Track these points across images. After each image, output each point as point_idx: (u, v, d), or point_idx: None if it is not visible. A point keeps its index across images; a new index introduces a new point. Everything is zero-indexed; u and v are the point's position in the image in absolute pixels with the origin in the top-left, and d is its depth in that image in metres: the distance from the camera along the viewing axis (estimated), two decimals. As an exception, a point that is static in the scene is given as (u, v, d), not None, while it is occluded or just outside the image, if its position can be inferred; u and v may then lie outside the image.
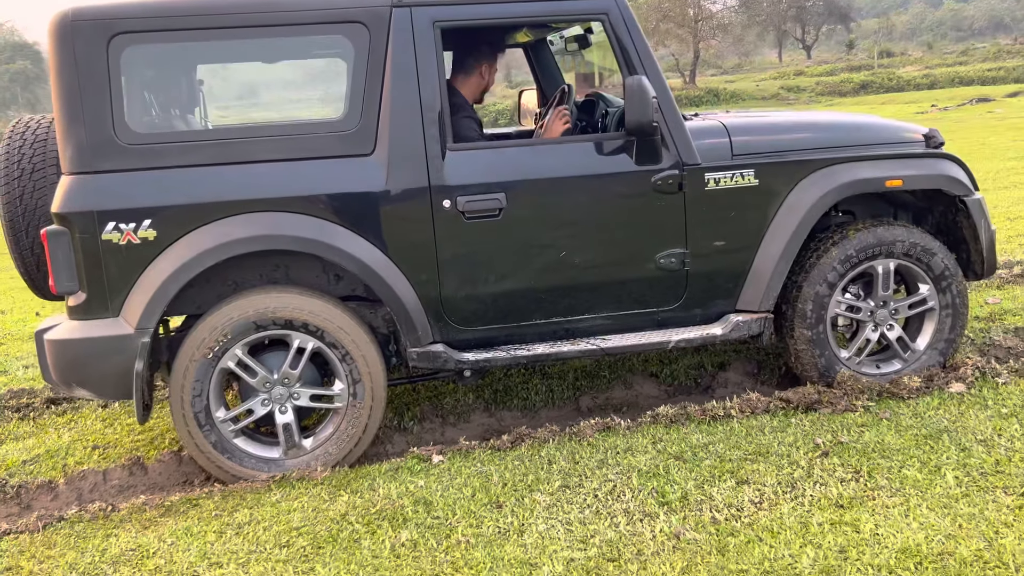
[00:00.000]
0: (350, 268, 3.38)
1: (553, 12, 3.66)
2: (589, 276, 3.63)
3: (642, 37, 3.58)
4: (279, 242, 3.33)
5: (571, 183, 3.56)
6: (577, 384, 4.33)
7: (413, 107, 3.41)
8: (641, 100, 3.38)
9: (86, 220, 3.22)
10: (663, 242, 3.65)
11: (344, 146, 3.41)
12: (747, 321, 3.73)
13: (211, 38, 3.40)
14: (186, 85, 4.04)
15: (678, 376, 4.34)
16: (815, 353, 3.80)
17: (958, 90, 31.42)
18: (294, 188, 3.36)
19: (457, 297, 3.54)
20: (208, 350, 3.32)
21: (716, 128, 3.73)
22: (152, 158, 3.28)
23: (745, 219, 3.69)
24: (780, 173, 3.69)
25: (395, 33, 3.39)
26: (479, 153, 3.57)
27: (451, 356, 3.54)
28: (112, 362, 3.27)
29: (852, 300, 3.85)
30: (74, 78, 3.20)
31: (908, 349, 3.92)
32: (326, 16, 3.38)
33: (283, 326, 3.37)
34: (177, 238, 3.28)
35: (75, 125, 3.22)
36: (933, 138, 3.93)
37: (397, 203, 3.43)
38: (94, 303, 3.29)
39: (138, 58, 3.35)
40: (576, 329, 3.71)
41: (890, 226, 3.81)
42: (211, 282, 3.51)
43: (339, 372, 3.45)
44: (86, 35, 3.19)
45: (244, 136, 3.42)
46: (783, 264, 3.70)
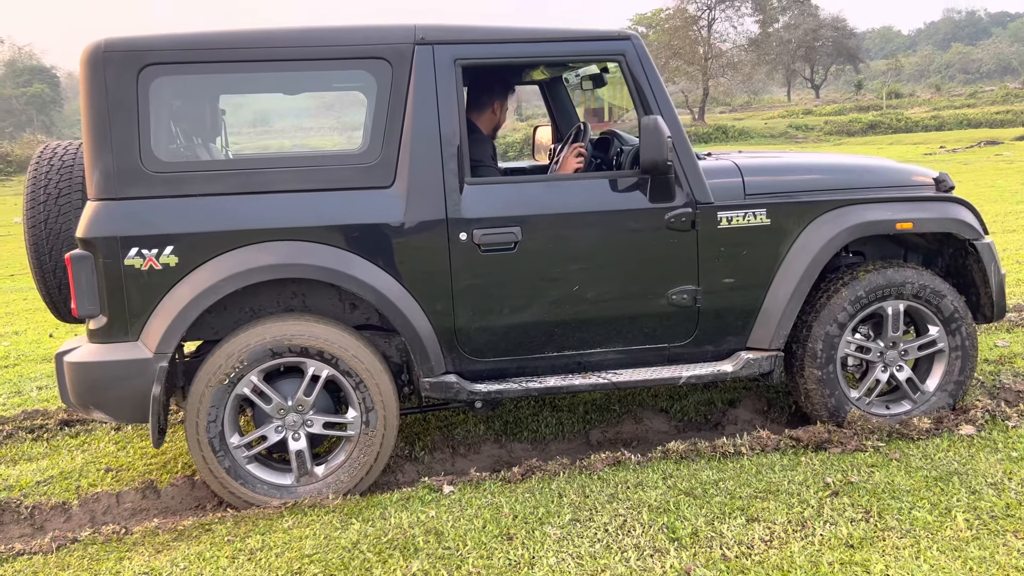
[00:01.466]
0: (367, 297, 3.43)
1: (572, 52, 3.74)
2: (602, 310, 3.67)
3: (658, 78, 3.65)
4: (298, 271, 3.38)
5: (586, 218, 3.62)
6: (587, 417, 4.35)
7: (433, 142, 3.48)
8: (656, 139, 3.45)
9: (110, 245, 3.28)
10: (675, 278, 3.69)
11: (364, 178, 3.47)
12: (758, 359, 3.76)
13: (237, 70, 3.50)
14: (211, 115, 4.12)
15: (688, 412, 4.36)
16: (825, 392, 3.83)
17: (966, 132, 31.61)
18: (314, 218, 3.42)
19: (471, 328, 3.58)
20: (224, 376, 3.36)
21: (729, 168, 3.79)
22: (176, 186, 3.35)
23: (757, 258, 3.73)
24: (792, 213, 3.74)
25: (417, 70, 3.47)
26: (496, 187, 3.63)
27: (463, 387, 3.57)
28: (130, 385, 3.31)
29: (862, 340, 3.88)
30: (104, 107, 3.28)
31: (918, 390, 3.94)
32: (350, 52, 3.47)
33: (298, 353, 3.41)
34: (198, 265, 3.34)
35: (103, 152, 3.29)
36: (943, 182, 3.98)
37: (414, 235, 3.48)
38: (115, 327, 3.34)
39: (166, 88, 3.43)
40: (588, 363, 3.74)
41: (900, 268, 3.85)
42: (229, 309, 3.56)
43: (352, 400, 3.48)
44: (117, 65, 3.28)
45: (266, 166, 3.49)
46: (794, 303, 3.74)
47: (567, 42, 3.66)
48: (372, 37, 3.48)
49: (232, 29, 3.44)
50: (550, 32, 3.63)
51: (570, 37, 3.65)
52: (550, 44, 3.65)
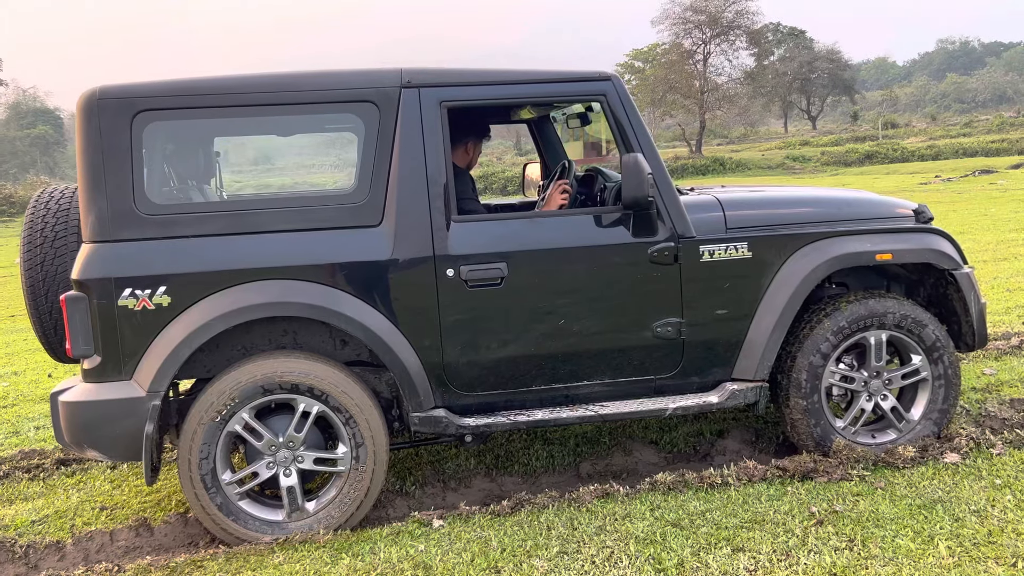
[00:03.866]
0: (356, 334, 3.49)
1: (554, 93, 3.85)
2: (588, 343, 3.73)
3: (638, 116, 3.75)
4: (288, 309, 3.45)
5: (570, 254, 3.69)
6: (578, 450, 4.39)
7: (419, 181, 3.57)
8: (637, 176, 3.54)
9: (104, 286, 3.35)
10: (659, 311, 3.76)
11: (353, 217, 3.56)
12: (743, 390, 3.81)
13: (229, 115, 3.59)
14: (203, 157, 4.22)
15: (677, 443, 4.40)
16: (811, 422, 3.87)
17: (961, 161, 31.81)
18: (304, 257, 3.50)
19: (459, 363, 3.64)
20: (216, 413, 3.42)
21: (710, 202, 3.87)
22: (169, 227, 3.43)
23: (739, 290, 3.80)
24: (773, 246, 3.82)
25: (404, 112, 3.57)
26: (482, 224, 3.71)
27: (452, 421, 3.62)
28: (123, 424, 3.37)
29: (846, 370, 3.94)
30: (98, 152, 3.38)
31: (902, 419, 3.98)
32: (339, 96, 3.57)
33: (289, 390, 3.47)
34: (190, 304, 3.41)
35: (97, 196, 3.38)
36: (923, 213, 4.06)
37: (402, 272, 3.56)
38: (108, 366, 3.40)
39: (159, 133, 3.53)
40: (575, 395, 3.80)
41: (881, 298, 3.91)
42: (221, 347, 3.63)
43: (342, 436, 3.53)
44: (111, 112, 3.38)
45: (257, 207, 3.57)
46: (777, 334, 3.80)
47: (549, 83, 3.77)
48: (360, 81, 3.58)
49: (223, 75, 3.55)
50: (532, 74, 3.74)
51: (552, 79, 3.76)
52: (532, 86, 3.76)
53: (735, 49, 45.31)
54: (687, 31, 44.23)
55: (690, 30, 44.14)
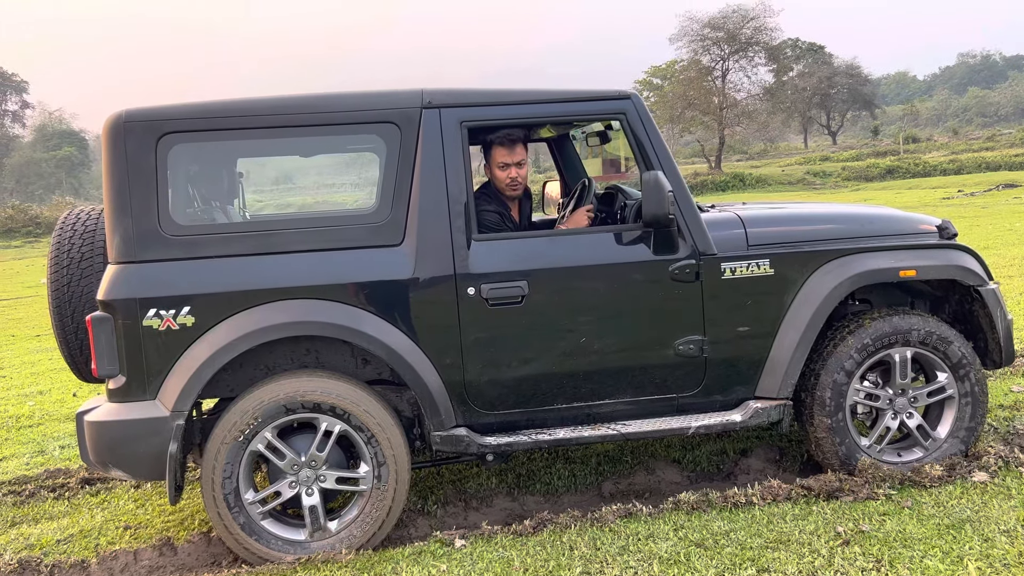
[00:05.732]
0: (378, 353, 3.50)
1: (574, 112, 3.86)
2: (609, 362, 3.72)
3: (658, 134, 3.75)
4: (311, 328, 3.47)
5: (591, 272, 3.69)
6: (600, 469, 4.36)
7: (440, 200, 3.59)
8: (658, 194, 3.53)
9: (129, 307, 3.39)
10: (681, 329, 3.74)
11: (375, 237, 3.58)
12: (766, 408, 3.78)
13: (252, 136, 3.64)
14: (227, 178, 4.27)
15: (700, 462, 4.37)
16: (835, 441, 3.83)
17: (984, 175, 31.55)
18: (326, 276, 3.52)
19: (480, 381, 3.64)
20: (239, 433, 3.44)
21: (731, 220, 3.86)
22: (193, 248, 3.47)
23: (762, 307, 3.78)
24: (795, 263, 3.80)
25: (425, 132, 3.59)
26: (502, 243, 3.72)
27: (473, 440, 3.62)
28: (147, 444, 3.39)
29: (871, 388, 3.90)
30: (124, 174, 3.43)
31: (929, 437, 3.93)
32: (361, 116, 3.61)
33: (311, 409, 3.48)
34: (214, 324, 3.43)
35: (123, 217, 3.43)
36: (946, 229, 4.03)
37: (424, 290, 3.57)
38: (133, 386, 3.43)
39: (183, 155, 3.57)
40: (597, 414, 3.78)
41: (905, 315, 3.87)
42: (244, 366, 3.65)
43: (364, 455, 3.53)
44: (137, 134, 3.43)
45: (279, 228, 3.61)
46: (800, 352, 3.77)
47: (569, 102, 3.78)
48: (382, 102, 3.62)
49: (246, 98, 3.59)
50: (552, 93, 3.76)
51: (571, 98, 3.77)
52: (553, 105, 3.78)
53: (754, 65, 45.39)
54: (705, 48, 44.35)
55: (708, 47, 44.25)
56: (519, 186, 4.10)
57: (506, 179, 4.06)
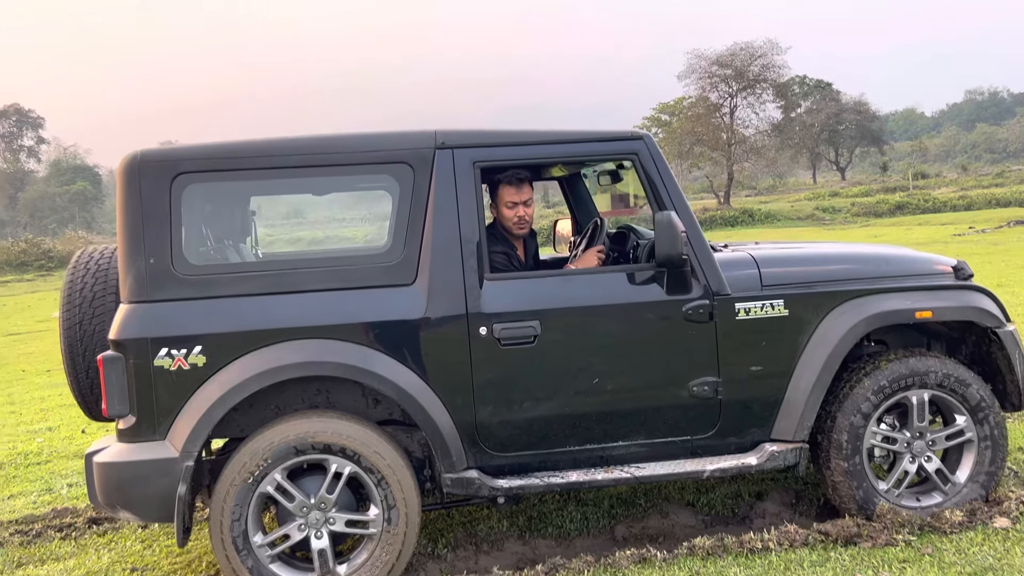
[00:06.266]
0: (389, 393, 3.48)
1: (587, 153, 3.88)
2: (623, 403, 3.68)
3: (670, 174, 3.75)
4: (322, 368, 3.45)
5: (604, 311, 3.67)
6: (613, 512, 4.30)
7: (453, 240, 3.59)
8: (671, 234, 3.52)
9: (140, 346, 3.38)
10: (695, 370, 3.70)
11: (387, 276, 3.57)
12: (782, 451, 3.72)
13: (266, 177, 3.66)
14: (240, 217, 4.28)
15: (715, 505, 4.30)
16: (852, 485, 3.77)
17: (995, 212, 31.46)
18: (338, 316, 3.50)
19: (492, 422, 3.60)
20: (248, 475, 3.40)
21: (745, 259, 3.84)
22: (205, 288, 3.47)
23: (776, 348, 3.74)
24: (810, 303, 3.76)
25: (438, 172, 3.60)
26: (515, 283, 3.71)
27: (485, 482, 3.57)
28: (156, 485, 3.36)
29: (888, 431, 3.84)
30: (138, 213, 3.44)
31: (948, 481, 3.86)
32: (374, 157, 3.62)
33: (322, 450, 3.44)
34: (225, 364, 3.42)
35: (136, 256, 3.43)
36: (962, 270, 3.99)
37: (435, 330, 3.55)
38: (143, 426, 3.41)
39: (197, 195, 3.59)
40: (610, 456, 3.73)
41: (922, 357, 3.83)
42: (255, 406, 3.63)
43: (374, 497, 3.49)
44: (152, 174, 3.45)
45: (292, 267, 3.60)
46: (816, 394, 3.72)
47: (582, 143, 3.79)
48: (395, 143, 3.63)
49: (260, 138, 3.61)
50: (564, 134, 3.77)
51: (584, 138, 3.78)
52: (565, 145, 3.79)
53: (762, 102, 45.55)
54: (713, 84, 44.60)
55: (716, 83, 44.51)
56: (526, 225, 4.10)
57: (513, 218, 4.05)
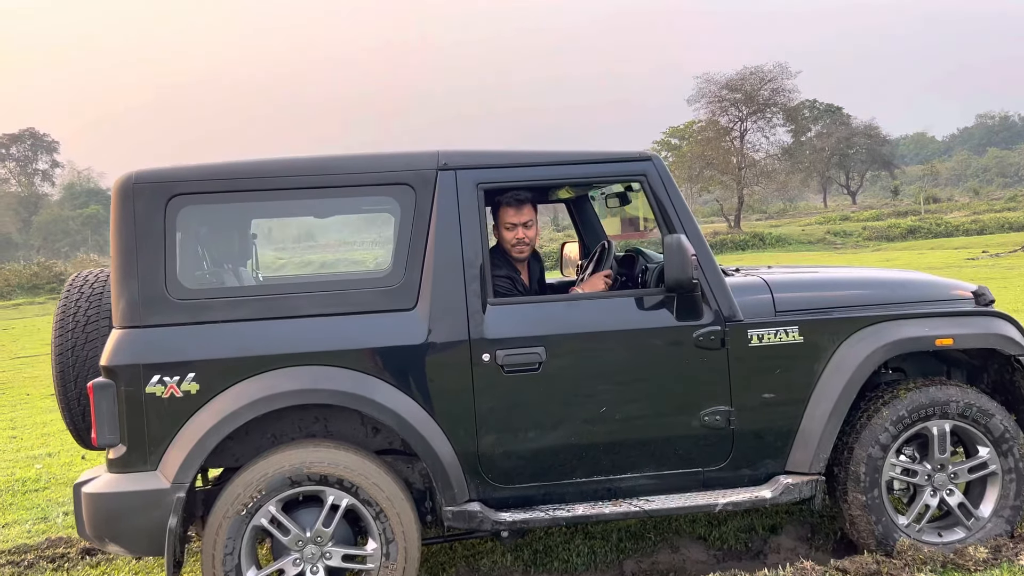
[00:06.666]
0: (388, 422, 3.36)
1: (594, 174, 3.77)
2: (631, 433, 3.55)
3: (680, 196, 3.64)
4: (319, 396, 3.34)
5: (611, 337, 3.55)
6: (621, 546, 4.15)
7: (455, 263, 3.48)
8: (680, 258, 3.40)
9: (132, 373, 3.27)
10: (707, 399, 3.57)
11: (388, 301, 3.46)
12: (797, 484, 3.58)
13: (264, 198, 3.57)
14: (238, 240, 4.19)
15: (728, 539, 4.14)
16: (871, 519, 3.61)
17: (1008, 236, 31.20)
18: (336, 342, 3.39)
19: (495, 453, 3.47)
20: (242, 507, 3.27)
21: (758, 284, 3.72)
22: (200, 313, 3.36)
23: (791, 376, 3.61)
24: (825, 330, 3.63)
25: (440, 194, 3.50)
26: (519, 307, 3.59)
27: (487, 516, 3.43)
28: (146, 517, 3.24)
29: (907, 463, 3.69)
30: (131, 236, 3.34)
31: (971, 516, 3.70)
32: (375, 179, 3.52)
33: (318, 482, 3.32)
34: (219, 392, 3.31)
35: (129, 280, 3.33)
36: (983, 295, 3.86)
37: (437, 357, 3.43)
38: (134, 456, 3.30)
39: (193, 217, 3.50)
40: (618, 488, 3.59)
41: (943, 386, 3.68)
42: (250, 435, 3.51)
43: (372, 531, 3.36)
44: (146, 196, 3.36)
45: (288, 291, 3.50)
46: (832, 424, 3.58)
47: (588, 164, 3.69)
48: (397, 164, 3.53)
49: (258, 159, 3.52)
50: (570, 155, 3.67)
51: (591, 159, 3.68)
52: (571, 167, 3.69)
53: (772, 126, 45.48)
54: (723, 109, 44.60)
55: (726, 108, 44.49)
56: (526, 248, 3.98)
57: (512, 240, 3.94)
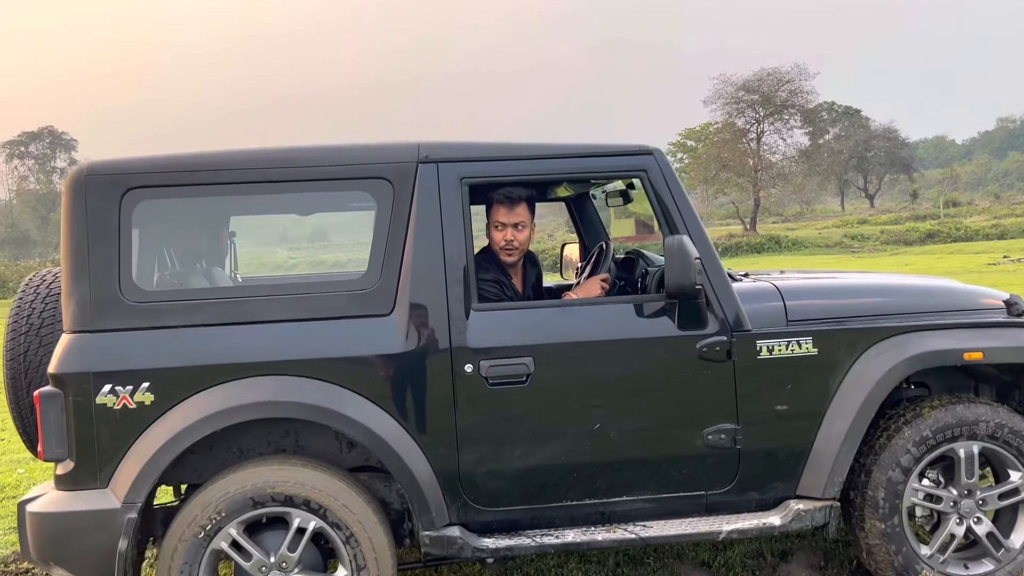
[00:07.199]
0: (359, 439, 3.08)
1: (589, 169, 3.46)
2: (627, 452, 3.25)
3: (683, 194, 3.33)
4: (284, 409, 3.06)
5: (607, 348, 3.25)
6: (618, 571, 3.84)
7: (436, 265, 3.19)
8: (682, 261, 3.10)
9: (81, 382, 3.00)
10: (711, 416, 3.27)
11: (362, 305, 3.18)
12: (810, 510, 3.26)
13: (231, 193, 3.29)
14: (210, 239, 3.92)
15: (733, 566, 3.82)
16: (891, 549, 3.30)
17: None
18: (305, 351, 3.11)
19: (477, 473, 3.18)
20: (200, 529, 3.00)
21: (768, 291, 3.41)
22: (157, 317, 3.09)
23: (803, 392, 3.30)
24: (842, 342, 3.32)
25: (420, 189, 3.21)
26: (505, 314, 3.31)
27: (468, 542, 3.14)
28: (95, 540, 2.97)
29: (931, 488, 3.37)
30: (83, 233, 3.07)
31: (1001, 547, 3.38)
32: (349, 172, 3.24)
33: (283, 503, 3.04)
34: (175, 403, 3.03)
35: (79, 281, 3.06)
36: (1016, 305, 3.53)
37: (414, 367, 3.14)
38: (82, 472, 3.03)
39: (150, 213, 3.23)
40: (613, 512, 3.30)
41: (971, 404, 3.36)
42: (214, 449, 3.24)
43: (342, 556, 3.08)
44: (99, 189, 3.09)
45: (255, 295, 3.22)
46: (849, 445, 3.26)
47: (582, 158, 3.38)
48: (373, 156, 3.25)
49: (222, 151, 3.24)
50: (564, 148, 3.37)
51: (587, 153, 3.38)
52: (564, 161, 3.37)
53: (789, 128, 44.94)
54: (740, 110, 44.14)
55: (743, 109, 44.04)
56: (515, 251, 3.64)
57: (501, 241, 3.61)
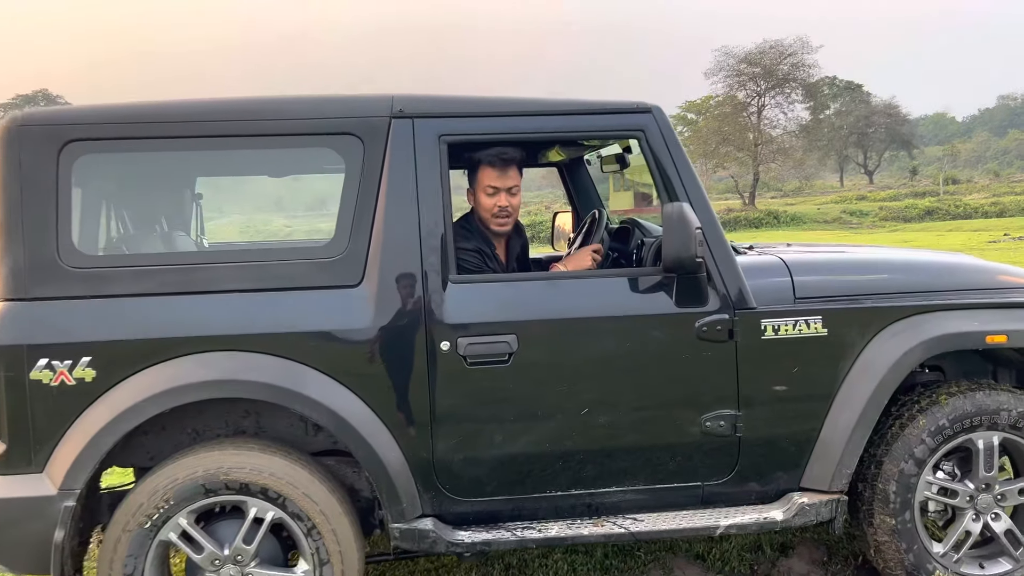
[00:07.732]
0: (321, 421, 2.80)
1: (582, 128, 3.14)
2: (617, 439, 2.98)
3: (684, 157, 3.03)
4: (237, 389, 2.77)
5: (596, 326, 2.96)
6: (606, 563, 3.59)
7: (411, 232, 2.89)
8: (682, 231, 2.81)
9: (13, 355, 2.71)
10: (709, 401, 2.99)
11: (327, 275, 2.88)
12: (815, 504, 3.00)
13: (185, 147, 2.97)
14: (168, 200, 3.61)
15: (730, 560, 3.57)
16: (901, 546, 3.04)
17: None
18: (263, 324, 2.82)
19: (454, 460, 2.91)
20: (145, 518, 2.73)
21: (775, 265, 3.12)
22: (99, 284, 2.78)
23: (811, 377, 3.02)
24: (854, 322, 3.04)
25: (393, 148, 2.90)
26: (487, 287, 3.01)
27: (442, 536, 2.88)
28: (28, 530, 2.70)
29: (946, 481, 3.11)
30: (16, 190, 2.76)
31: (1020, 545, 3.13)
32: (314, 127, 2.92)
33: (238, 491, 2.76)
34: (119, 381, 2.74)
35: (12, 244, 2.76)
36: (1043, 284, 3.24)
37: (385, 344, 2.86)
38: (15, 455, 2.75)
39: (95, 169, 2.92)
40: (601, 504, 3.03)
41: (992, 390, 3.09)
42: (167, 429, 2.96)
43: (303, 550, 2.81)
44: (34, 141, 2.77)
45: (209, 261, 2.92)
46: (859, 434, 3.00)
47: (576, 115, 3.06)
48: (340, 109, 2.93)
49: (170, 100, 2.92)
50: (553, 104, 3.05)
51: (579, 110, 3.06)
52: (553, 118, 3.05)
53: (790, 102, 44.48)
54: (741, 83, 43.63)
55: (744, 82, 43.54)
56: (509, 218, 3.34)
57: (493, 208, 3.30)
